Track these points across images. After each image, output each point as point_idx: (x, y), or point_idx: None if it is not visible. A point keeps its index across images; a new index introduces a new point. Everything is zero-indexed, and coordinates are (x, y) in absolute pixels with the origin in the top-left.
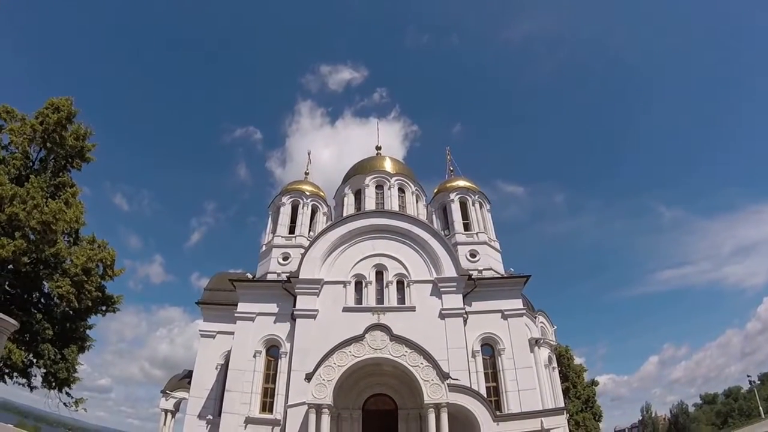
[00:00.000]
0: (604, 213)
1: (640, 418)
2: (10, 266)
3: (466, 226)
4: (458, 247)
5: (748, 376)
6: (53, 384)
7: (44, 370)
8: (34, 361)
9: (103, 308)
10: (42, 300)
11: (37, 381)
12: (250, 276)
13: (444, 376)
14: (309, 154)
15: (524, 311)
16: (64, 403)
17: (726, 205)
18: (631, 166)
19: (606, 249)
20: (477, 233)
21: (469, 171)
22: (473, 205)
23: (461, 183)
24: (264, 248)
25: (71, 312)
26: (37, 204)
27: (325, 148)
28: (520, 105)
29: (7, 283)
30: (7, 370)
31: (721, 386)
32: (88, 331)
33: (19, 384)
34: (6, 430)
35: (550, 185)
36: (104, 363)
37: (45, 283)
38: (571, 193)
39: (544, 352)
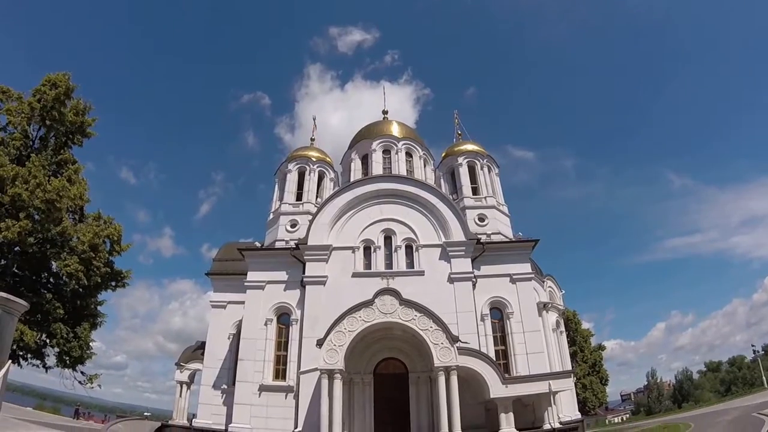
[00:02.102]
0: (613, 179)
1: (646, 383)
2: (17, 248)
3: (475, 191)
4: (466, 211)
5: (753, 345)
6: (67, 362)
7: (57, 350)
8: (47, 341)
9: (113, 284)
10: (51, 279)
11: (51, 361)
12: (258, 245)
13: (453, 339)
14: (314, 119)
15: (533, 275)
16: (80, 382)
17: (736, 176)
18: (643, 133)
19: (615, 215)
20: (485, 197)
21: (479, 135)
22: (482, 169)
23: (469, 147)
24: (271, 216)
25: (81, 289)
26: (39, 183)
27: (335, 113)
28: (532, 68)
29: (15, 265)
30: (20, 353)
31: (726, 355)
32: (99, 308)
33: (34, 365)
34: (25, 414)
35: (559, 150)
36: (118, 340)
37: (53, 262)
38: (581, 158)
39: (552, 317)
